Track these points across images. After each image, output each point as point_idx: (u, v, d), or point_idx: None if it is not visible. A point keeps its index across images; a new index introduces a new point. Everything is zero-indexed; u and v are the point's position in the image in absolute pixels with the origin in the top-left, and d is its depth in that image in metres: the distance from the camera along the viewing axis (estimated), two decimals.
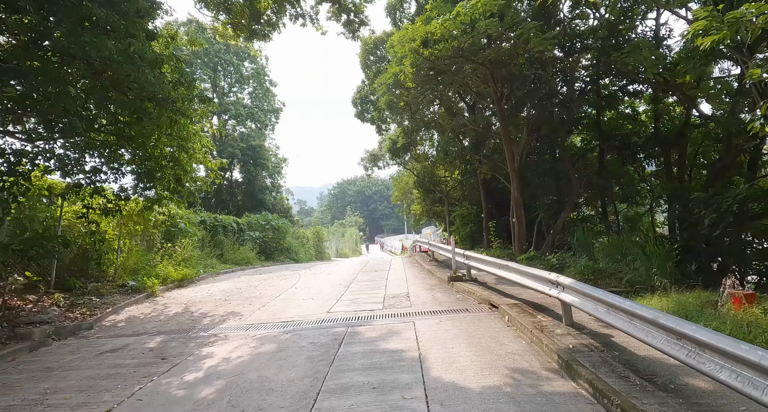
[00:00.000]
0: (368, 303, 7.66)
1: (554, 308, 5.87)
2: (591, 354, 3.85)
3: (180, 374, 4.48)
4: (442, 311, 6.67)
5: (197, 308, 8.18)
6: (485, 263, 7.75)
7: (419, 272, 12.05)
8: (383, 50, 17.77)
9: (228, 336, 5.99)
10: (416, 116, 16.09)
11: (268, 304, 8.23)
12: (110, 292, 8.64)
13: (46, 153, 7.69)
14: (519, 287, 7.42)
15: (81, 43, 4.88)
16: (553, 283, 4.99)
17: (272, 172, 34.49)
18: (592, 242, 9.29)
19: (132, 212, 9.75)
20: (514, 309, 5.87)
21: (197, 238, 14.44)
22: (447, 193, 22.32)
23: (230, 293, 9.74)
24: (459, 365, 4.14)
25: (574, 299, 4.40)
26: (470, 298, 7.58)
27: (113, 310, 7.81)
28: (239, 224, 20.18)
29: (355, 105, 20.44)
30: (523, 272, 5.87)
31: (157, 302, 8.95)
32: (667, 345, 2.75)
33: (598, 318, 3.97)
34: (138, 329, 6.76)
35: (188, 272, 11.53)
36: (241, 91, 34.61)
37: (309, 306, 7.76)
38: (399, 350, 4.74)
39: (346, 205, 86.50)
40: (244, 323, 6.78)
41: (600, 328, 4.72)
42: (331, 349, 4.98)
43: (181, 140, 8.05)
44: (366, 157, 24.77)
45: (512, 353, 4.37)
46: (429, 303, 7.37)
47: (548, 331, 4.68)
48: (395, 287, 9.36)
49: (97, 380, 4.46)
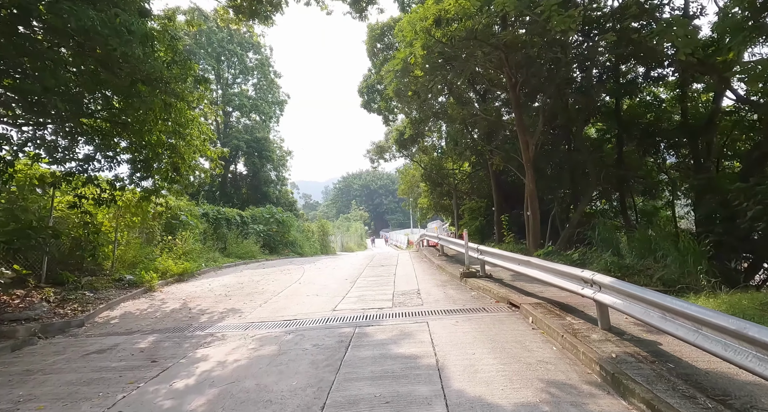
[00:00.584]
0: (376, 300, 7.17)
1: (584, 308, 5.32)
2: (640, 366, 3.31)
3: (170, 381, 4.02)
4: (457, 309, 6.15)
5: (196, 304, 7.74)
6: (503, 259, 7.19)
7: (429, 267, 11.53)
8: (391, 37, 17.10)
9: (226, 336, 5.52)
10: (425, 106, 15.46)
11: (270, 300, 7.77)
12: (105, 286, 8.23)
13: (35, 140, 7.27)
14: (539, 285, 6.88)
15: (59, 11, 4.36)
16: (586, 281, 4.44)
17: (277, 165, 34.02)
18: (615, 237, 8.68)
19: (129, 202, 9.32)
20: (538, 309, 5.33)
21: (199, 231, 14.03)
22: (455, 186, 21.72)
23: (231, 288, 9.30)
24: (483, 375, 3.62)
25: (615, 300, 3.85)
26: (486, 296, 7.05)
27: (107, 305, 7.39)
28: (243, 216, 19.77)
29: (362, 95, 19.81)
30: (549, 268, 5.32)
31: (154, 297, 8.53)
32: (758, 364, 2.21)
33: (647, 323, 3.42)
34: (131, 326, 6.33)
35: (189, 266, 11.11)
36: (245, 82, 34.06)
37: (313, 303, 7.28)
38: (413, 356, 4.23)
39: (351, 199, 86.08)
40: (244, 321, 6.32)
41: (643, 333, 4.17)
42: (337, 353, 4.49)
43: (178, 126, 7.55)
44: (372, 150, 24.20)
45: (544, 362, 3.84)
46: (442, 301, 6.86)
47: (582, 336, 4.14)
48: (404, 283, 8.86)
49: (78, 386, 4.01)
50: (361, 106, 19.92)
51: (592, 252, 8.78)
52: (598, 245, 9.11)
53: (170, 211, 12.23)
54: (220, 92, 32.10)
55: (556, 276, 5.19)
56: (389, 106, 18.23)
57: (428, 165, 22.24)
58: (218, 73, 32.00)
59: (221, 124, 32.67)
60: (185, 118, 7.77)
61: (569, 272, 4.76)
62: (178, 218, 13.25)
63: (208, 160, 9.09)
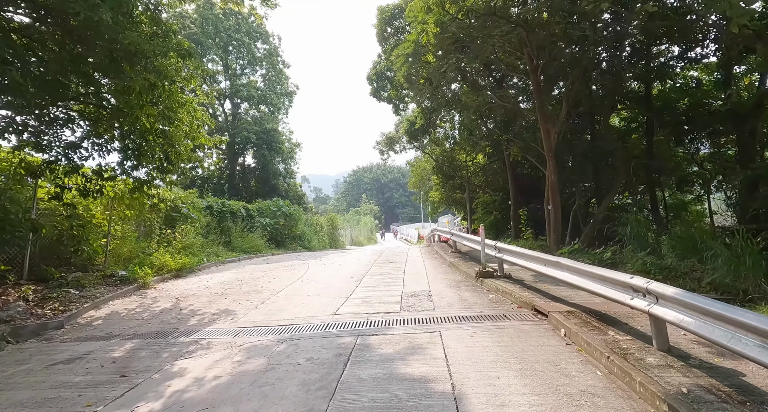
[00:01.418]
0: (383, 303, 6.45)
1: (627, 319, 4.51)
2: (725, 408, 2.51)
3: (133, 404, 3.38)
4: (474, 316, 5.40)
5: (188, 304, 7.15)
6: (526, 258, 6.38)
7: (440, 265, 10.77)
8: (402, 21, 16.16)
9: (211, 344, 4.88)
10: (437, 93, 14.53)
11: (268, 300, 7.13)
12: (95, 283, 7.70)
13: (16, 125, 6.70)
14: (566, 287, 6.07)
15: None
16: (637, 290, 3.63)
17: (286, 157, 33.48)
18: (650, 234, 7.77)
19: (122, 193, 8.76)
20: (571, 319, 4.54)
21: (200, 224, 13.50)
22: (468, 179, 20.78)
23: (229, 286, 8.71)
24: (513, 411, 2.87)
25: (681, 317, 3.04)
26: (506, 300, 6.27)
27: (93, 304, 6.85)
28: (249, 210, 19.26)
29: (371, 82, 18.94)
30: (585, 272, 4.50)
31: (146, 295, 7.98)
32: None
33: (727, 348, 2.61)
34: (113, 329, 5.75)
35: (188, 261, 10.57)
36: (253, 73, 33.44)
37: (314, 305, 6.61)
38: (424, 378, 3.51)
39: (361, 192, 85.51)
40: (235, 325, 5.68)
41: (713, 357, 3.35)
42: (333, 370, 3.79)
43: (167, 111, 6.89)
44: (382, 141, 23.36)
45: (589, 393, 3.06)
46: (456, 305, 6.11)
47: (635, 358, 3.35)
48: (414, 283, 8.13)
49: (28, 408, 3.40)
50: (370, 95, 19.06)
51: (625, 250, 7.90)
52: (630, 242, 8.21)
53: (167, 203, 11.68)
54: (229, 83, 31.59)
55: (594, 281, 4.37)
56: (399, 94, 17.35)
57: (440, 157, 21.33)
58: (226, 64, 31.45)
59: (229, 116, 32.22)
60: (175, 102, 7.11)
61: (614, 277, 3.95)
62: (179, 210, 12.74)
63: (202, 149, 8.44)
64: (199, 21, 27.97)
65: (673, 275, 6.08)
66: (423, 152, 23.21)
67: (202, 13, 27.82)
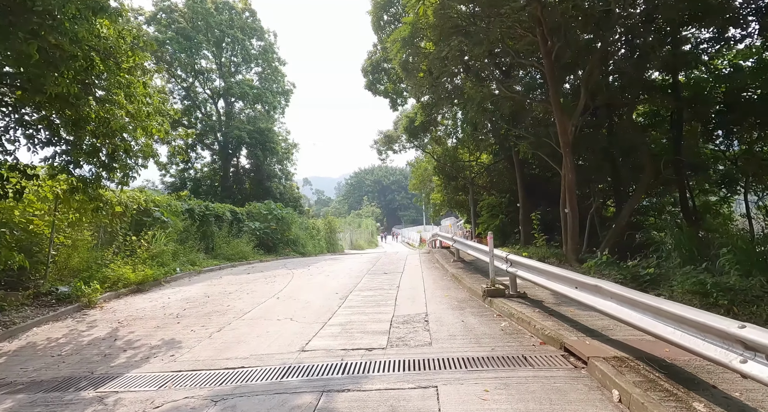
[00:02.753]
0: (366, 334, 5.08)
1: (710, 375, 3.11)
2: None
3: None
4: (485, 358, 4.02)
5: (129, 331, 5.81)
6: (548, 277, 4.99)
7: (441, 278, 9.37)
8: (398, 7, 14.86)
9: (119, 403, 3.52)
10: (437, 84, 13.17)
11: (227, 326, 5.77)
12: (19, 304, 6.38)
13: None
14: (599, 313, 4.65)
15: None
16: (749, 347, 2.24)
17: (282, 158, 32.21)
18: (701, 244, 6.35)
19: (65, 196, 7.45)
20: (625, 374, 3.15)
21: (176, 229, 12.18)
22: (472, 179, 19.41)
23: (191, 304, 7.36)
24: None
25: None
26: (524, 331, 4.88)
27: (8, 333, 5.53)
28: (236, 213, 17.96)
29: (366, 74, 17.63)
30: (648, 307, 3.11)
31: (85, 318, 6.64)
32: None
33: None
34: (9, 373, 4.41)
35: (151, 273, 9.24)
36: (248, 71, 32.25)
37: (280, 334, 5.25)
38: None
39: (363, 195, 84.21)
40: (170, 367, 4.32)
41: None
42: None
43: (103, 91, 5.58)
44: (380, 140, 22.03)
45: None
46: (459, 338, 4.73)
47: None
48: (409, 302, 6.75)
49: None
50: (365, 88, 17.72)
51: (665, 263, 6.48)
52: (670, 253, 6.79)
53: (134, 206, 10.38)
54: (222, 81, 30.40)
55: (664, 322, 2.98)
56: (397, 88, 16.05)
57: (441, 156, 19.98)
58: (220, 61, 30.27)
59: (222, 115, 31.02)
60: (115, 84, 5.79)
61: (704, 322, 2.55)
62: (150, 214, 11.43)
63: (156, 140, 7.12)
64: (189, 15, 26.83)
65: (745, 300, 4.67)
66: (424, 152, 21.88)
67: (193, 7, 26.64)
